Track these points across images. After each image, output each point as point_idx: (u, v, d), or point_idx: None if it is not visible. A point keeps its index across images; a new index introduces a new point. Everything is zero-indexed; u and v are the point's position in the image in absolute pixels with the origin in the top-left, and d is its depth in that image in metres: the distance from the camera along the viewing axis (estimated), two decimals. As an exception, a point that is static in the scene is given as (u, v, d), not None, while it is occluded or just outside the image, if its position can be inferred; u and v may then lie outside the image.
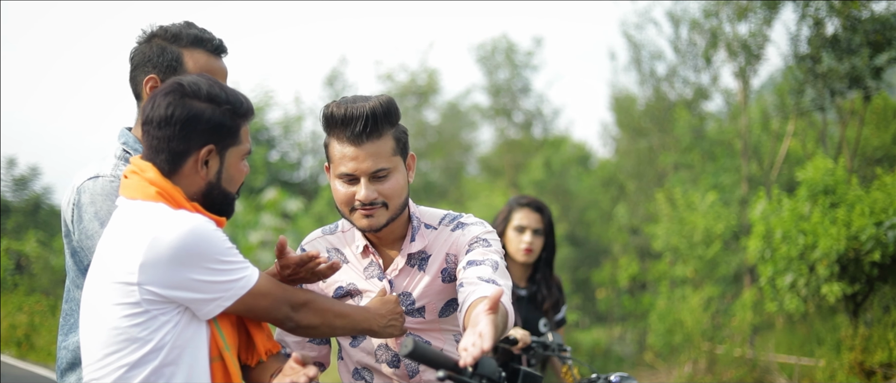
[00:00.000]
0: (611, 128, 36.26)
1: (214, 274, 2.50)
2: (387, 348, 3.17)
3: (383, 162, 2.96)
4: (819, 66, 19.76)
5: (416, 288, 3.12)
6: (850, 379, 11.74)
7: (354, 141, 2.93)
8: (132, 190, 2.59)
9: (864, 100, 19.75)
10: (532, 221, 5.15)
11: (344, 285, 3.18)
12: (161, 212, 2.50)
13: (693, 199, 22.17)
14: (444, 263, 3.11)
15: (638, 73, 29.67)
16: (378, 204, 2.97)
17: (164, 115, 2.56)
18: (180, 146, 2.59)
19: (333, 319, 2.84)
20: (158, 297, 2.45)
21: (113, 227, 2.58)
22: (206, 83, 2.63)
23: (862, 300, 12.81)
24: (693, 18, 25.88)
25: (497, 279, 2.86)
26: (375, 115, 2.92)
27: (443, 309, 3.15)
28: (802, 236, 12.91)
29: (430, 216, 3.19)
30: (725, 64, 25.41)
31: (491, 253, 3.00)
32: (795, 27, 20.65)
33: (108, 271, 2.49)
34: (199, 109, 2.58)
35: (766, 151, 24.93)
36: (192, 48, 3.14)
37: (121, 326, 2.45)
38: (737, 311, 18.63)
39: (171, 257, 2.43)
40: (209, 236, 2.50)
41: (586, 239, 34.98)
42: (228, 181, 2.70)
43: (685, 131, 26.29)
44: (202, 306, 2.52)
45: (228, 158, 2.67)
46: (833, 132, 24.99)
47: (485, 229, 3.11)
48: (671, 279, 21.50)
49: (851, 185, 13.62)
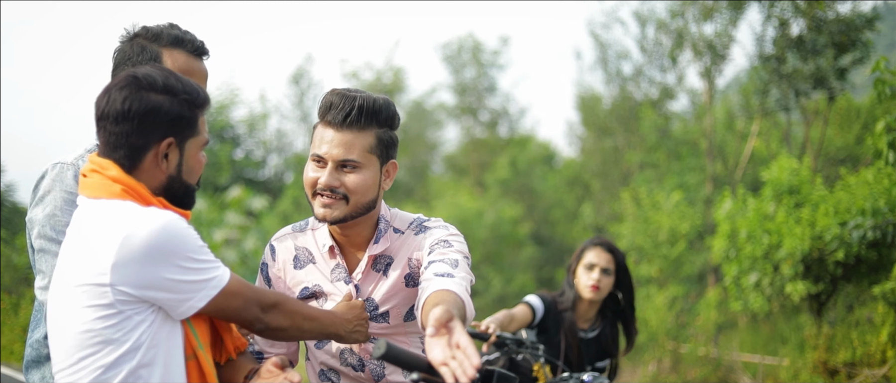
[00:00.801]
0: (576, 127, 36.35)
1: (187, 273, 2.44)
2: (351, 352, 3.13)
3: (355, 154, 2.92)
4: (784, 66, 19.86)
5: (379, 293, 3.08)
6: (813, 378, 11.78)
7: (335, 126, 2.93)
8: (95, 189, 2.52)
9: (829, 100, 19.87)
10: (602, 260, 5.27)
11: (310, 286, 3.14)
12: (130, 209, 2.44)
13: (658, 199, 22.23)
14: (408, 268, 3.07)
15: (604, 73, 29.75)
16: (339, 194, 2.93)
17: (122, 110, 2.50)
18: (139, 140, 2.52)
19: (302, 322, 2.80)
20: (131, 297, 2.39)
21: (77, 228, 2.51)
22: (161, 74, 2.56)
23: (826, 299, 12.86)
24: (659, 18, 25.98)
25: (454, 273, 2.81)
26: (362, 108, 2.91)
27: (408, 314, 3.11)
28: (767, 236, 12.94)
29: (400, 220, 3.15)
30: (691, 64, 25.50)
31: (451, 252, 2.95)
32: (761, 28, 20.76)
33: (76, 273, 2.42)
34: (157, 102, 2.51)
35: (730, 151, 25.03)
36: (171, 48, 3.16)
37: (95, 328, 2.39)
38: (701, 310, 18.68)
39: (144, 256, 2.37)
40: (182, 233, 2.45)
41: (551, 238, 35.02)
42: (189, 173, 2.64)
43: (650, 130, 26.36)
44: (176, 306, 2.47)
45: (188, 150, 2.61)
46: (797, 132, 25.14)
47: (448, 232, 3.06)
48: (636, 278, 21.50)
49: (816, 185, 13.68)
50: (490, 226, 28.76)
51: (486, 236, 28.37)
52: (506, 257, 29.99)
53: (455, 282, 2.74)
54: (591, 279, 5.23)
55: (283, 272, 3.19)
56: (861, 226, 10.61)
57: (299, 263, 3.18)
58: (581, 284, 5.29)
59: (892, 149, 8.48)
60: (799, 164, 14.24)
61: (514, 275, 29.07)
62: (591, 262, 5.28)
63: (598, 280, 5.22)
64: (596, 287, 5.22)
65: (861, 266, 11.93)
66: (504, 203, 31.04)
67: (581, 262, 5.33)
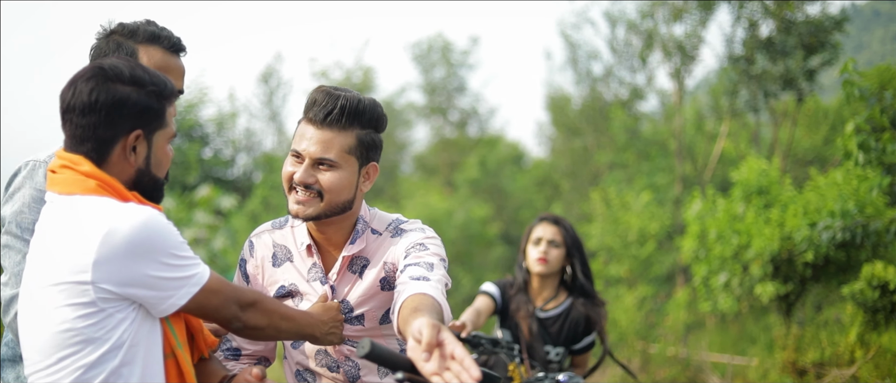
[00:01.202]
0: (546, 127, 36.40)
1: (169, 269, 2.40)
2: (326, 353, 3.10)
3: (332, 153, 2.89)
4: (753, 67, 19.96)
5: (354, 295, 3.04)
6: (782, 378, 11.82)
7: (316, 123, 2.90)
8: (67, 185, 2.46)
9: (798, 101, 19.98)
10: (548, 233, 5.24)
11: (286, 285, 3.10)
12: (109, 205, 2.39)
13: (628, 199, 22.28)
14: (383, 271, 3.03)
15: (574, 73, 29.80)
16: (313, 191, 2.89)
17: (88, 102, 2.44)
18: (107, 133, 2.47)
19: (279, 321, 2.76)
20: (113, 295, 2.34)
21: (49, 226, 2.45)
22: (128, 65, 2.50)
23: (794, 300, 12.91)
24: (629, 19, 26.07)
25: (430, 276, 2.77)
26: (344, 107, 2.89)
27: (383, 317, 3.08)
28: (736, 236, 12.98)
29: (379, 220, 3.12)
30: (661, 65, 25.60)
31: (427, 254, 2.91)
32: (730, 29, 20.86)
33: (51, 272, 2.36)
34: (124, 93, 2.46)
35: (700, 152, 25.14)
36: (147, 44, 3.15)
37: (76, 327, 2.34)
38: (670, 311, 18.73)
39: (127, 252, 2.32)
40: (164, 229, 2.41)
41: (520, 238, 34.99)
42: (157, 166, 2.59)
43: (620, 131, 26.43)
44: (157, 304, 2.42)
45: (156, 142, 2.56)
46: (765, 133, 25.28)
47: (425, 235, 3.03)
48: (606, 278, 21.54)
49: (785, 186, 13.74)
50: (460, 226, 28.73)
51: (455, 236, 28.33)
52: (475, 257, 29.97)
53: (431, 285, 2.71)
54: (538, 252, 5.21)
55: (261, 269, 3.16)
56: (831, 227, 10.65)
57: (277, 261, 3.15)
58: (530, 259, 5.27)
59: (862, 151, 8.50)
60: (768, 165, 14.29)
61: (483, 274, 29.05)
62: (538, 237, 5.26)
63: (545, 252, 5.19)
64: (543, 259, 5.19)
65: (829, 266, 11.99)
66: (474, 203, 31.02)
67: (529, 240, 5.32)
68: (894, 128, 8.53)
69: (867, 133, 8.53)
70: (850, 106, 9.64)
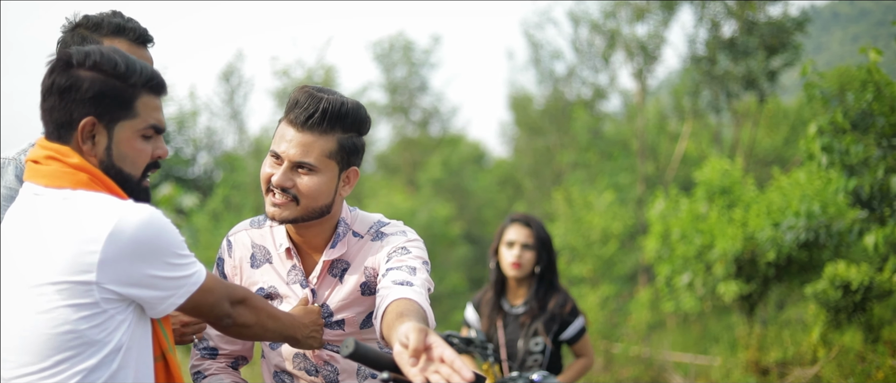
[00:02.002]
0: (509, 126, 36.45)
1: (171, 269, 2.34)
2: (304, 357, 3.05)
3: (312, 157, 2.83)
4: (715, 68, 20.08)
5: (334, 299, 3.00)
6: (745, 377, 11.88)
7: (296, 125, 2.82)
8: (55, 178, 2.36)
9: (759, 102, 20.12)
10: (521, 236, 5.27)
11: (265, 287, 3.05)
12: (110, 203, 2.30)
13: (590, 199, 22.33)
14: (364, 276, 2.98)
15: (537, 73, 29.86)
16: (289, 195, 2.84)
17: (46, 85, 2.37)
18: (62, 117, 2.38)
19: (266, 320, 2.72)
20: (116, 296, 2.27)
21: (34, 220, 2.34)
22: (99, 53, 2.39)
23: (757, 299, 12.98)
24: (592, 19, 26.12)
25: (413, 281, 2.73)
26: (326, 111, 2.81)
27: (364, 321, 3.03)
28: (699, 236, 13.03)
29: (361, 223, 3.06)
30: (623, 65, 25.70)
31: (410, 259, 2.87)
32: (693, 29, 20.98)
33: (47, 270, 2.26)
34: (77, 77, 2.36)
35: (662, 152, 25.25)
36: (113, 37, 3.07)
37: (78, 329, 2.25)
38: (633, 310, 18.80)
39: (133, 252, 2.25)
40: (167, 229, 2.34)
41: (483, 237, 35.06)
42: (121, 159, 2.45)
43: (583, 131, 26.50)
44: (157, 304, 2.36)
45: (118, 133, 2.43)
46: (726, 134, 25.44)
47: (406, 238, 2.98)
48: (568, 278, 21.58)
49: (747, 186, 13.81)
50: (423, 226, 28.68)
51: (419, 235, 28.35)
52: (438, 256, 29.94)
53: (414, 290, 2.67)
54: (512, 256, 5.25)
55: (239, 269, 3.10)
56: (794, 227, 10.72)
57: (256, 262, 3.09)
58: (504, 263, 5.31)
59: (826, 153, 8.55)
60: (731, 165, 14.37)
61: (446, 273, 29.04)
62: (511, 240, 5.29)
63: (519, 256, 5.24)
64: (517, 264, 5.25)
65: (792, 266, 12.06)
66: (436, 202, 31.01)
67: (502, 241, 5.35)
68: (856, 129, 8.59)
69: (830, 135, 8.58)
70: (812, 107, 9.70)
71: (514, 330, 5.24)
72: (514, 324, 5.25)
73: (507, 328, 5.24)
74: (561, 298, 5.35)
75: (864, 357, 9.72)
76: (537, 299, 5.29)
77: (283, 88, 29.91)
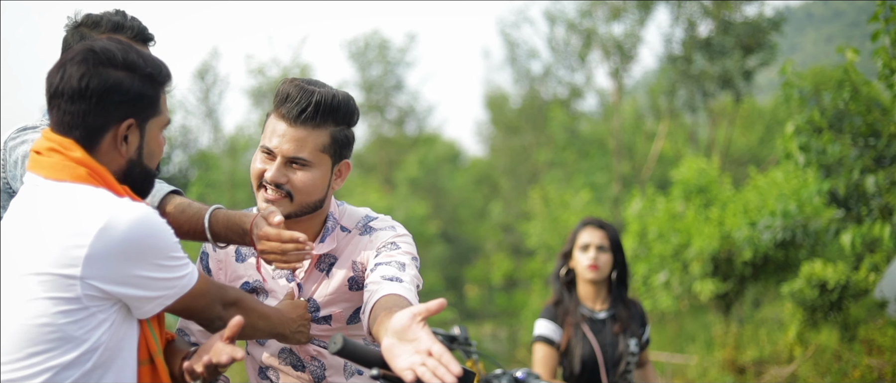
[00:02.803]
0: (485, 125, 36.47)
1: (162, 270, 2.27)
2: (291, 352, 3.00)
3: (306, 152, 2.76)
4: (691, 67, 20.15)
5: (321, 294, 2.95)
6: (722, 376, 11.92)
7: (288, 120, 2.74)
8: (55, 170, 2.29)
9: (735, 101, 20.20)
10: (596, 238, 5.02)
11: (250, 281, 2.99)
12: (104, 198, 2.23)
13: (567, 198, 22.36)
14: (351, 271, 2.93)
15: (513, 72, 29.89)
16: (283, 191, 2.78)
17: (78, 88, 2.27)
18: (97, 121, 2.29)
19: (257, 320, 2.66)
20: (100, 293, 2.19)
21: (32, 210, 2.28)
22: (120, 48, 2.34)
23: (733, 298, 13.03)
24: (569, 18, 26.15)
25: (402, 277, 2.70)
26: (319, 104, 2.73)
27: (351, 317, 2.99)
28: (676, 235, 13.06)
29: (349, 217, 3.00)
30: (600, 64, 25.75)
31: (399, 254, 2.81)
32: (669, 29, 21.04)
33: (34, 261, 2.19)
34: (116, 79, 2.29)
35: (638, 151, 25.31)
36: (112, 35, 2.96)
37: (55, 323, 2.17)
38: (609, 309, 18.82)
39: (122, 251, 2.18)
40: (161, 229, 2.26)
41: (458, 236, 35.08)
42: (149, 156, 2.43)
43: (559, 130, 26.53)
44: (143, 304, 2.28)
45: (149, 131, 2.40)
46: (701, 133, 25.55)
47: (395, 233, 2.92)
48: (544, 277, 21.59)
49: (724, 185, 13.85)
50: (399, 224, 28.73)
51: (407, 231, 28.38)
52: (415, 255, 29.96)
53: (404, 286, 2.63)
54: (588, 258, 4.97)
55: (224, 264, 3.04)
56: (771, 226, 10.76)
57: (241, 256, 3.03)
58: (579, 267, 5.02)
59: (803, 152, 8.59)
60: (707, 164, 14.42)
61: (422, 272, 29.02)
62: (586, 242, 5.03)
63: (595, 258, 4.98)
64: (594, 266, 4.98)
65: (768, 265, 12.11)
66: (413, 201, 31.00)
67: (576, 245, 5.07)
68: (833, 129, 8.62)
69: (807, 134, 8.61)
70: (789, 107, 9.73)
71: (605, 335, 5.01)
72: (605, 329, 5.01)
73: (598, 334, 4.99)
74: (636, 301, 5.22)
75: (840, 355, 9.77)
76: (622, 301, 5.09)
77: (259, 87, 29.82)
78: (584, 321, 4.96)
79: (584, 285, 5.05)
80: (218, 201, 24.10)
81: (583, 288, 5.06)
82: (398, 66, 37.40)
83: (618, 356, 4.90)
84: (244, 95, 33.65)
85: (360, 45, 37.13)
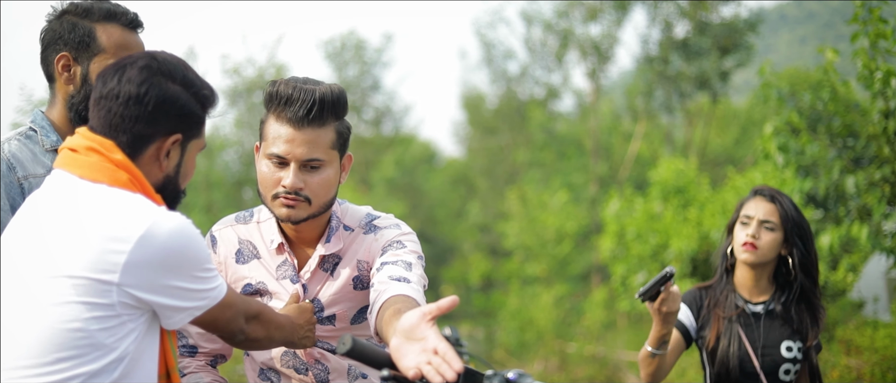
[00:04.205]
0: (462, 126, 36.49)
1: (196, 281, 2.25)
2: (294, 355, 2.98)
3: (319, 152, 2.73)
4: (668, 68, 20.23)
5: (326, 294, 2.92)
6: (701, 376, 11.95)
7: (295, 123, 2.70)
8: (94, 170, 2.25)
9: (712, 102, 20.30)
10: (761, 211, 4.03)
11: (253, 283, 2.96)
12: (144, 205, 2.21)
13: (544, 198, 22.40)
14: (356, 270, 2.91)
15: (490, 72, 29.93)
16: (301, 195, 2.75)
17: (136, 93, 2.26)
18: (147, 129, 2.28)
19: (274, 332, 2.64)
20: (135, 301, 2.17)
21: (64, 210, 2.23)
22: (180, 63, 2.34)
23: (711, 298, 13.06)
24: (545, 19, 26.20)
25: (409, 277, 2.68)
26: (324, 101, 2.70)
27: (355, 316, 2.96)
28: (655, 235, 13.10)
29: (351, 216, 2.98)
30: (577, 64, 25.81)
31: (405, 253, 2.80)
32: (646, 29, 21.12)
33: (66, 262, 2.15)
34: (174, 92, 2.30)
35: (615, 151, 25.39)
36: (105, 22, 2.91)
37: (88, 329, 2.13)
38: (587, 309, 18.88)
39: (161, 261, 2.16)
40: (197, 240, 2.25)
41: (435, 237, 35.11)
42: (184, 176, 2.42)
43: (538, 130, 26.58)
44: (173, 314, 2.25)
45: (189, 151, 2.40)
46: (677, 134, 25.66)
47: (400, 231, 2.90)
48: (522, 277, 21.65)
49: (702, 186, 13.90)
50: (376, 225, 28.73)
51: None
52: (391, 255, 29.97)
53: (412, 287, 2.61)
54: (746, 235, 4.01)
55: (225, 266, 3.00)
56: (749, 226, 10.80)
57: (242, 257, 2.99)
58: (736, 243, 4.07)
59: (782, 152, 8.61)
60: (685, 165, 14.46)
61: (400, 273, 29.08)
62: (748, 215, 4.05)
63: (754, 233, 3.99)
64: (751, 245, 3.99)
65: (746, 266, 12.16)
66: (390, 201, 30.99)
67: (739, 218, 4.11)
68: (811, 129, 8.65)
69: (786, 135, 8.64)
70: (767, 108, 9.76)
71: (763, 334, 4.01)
72: (762, 327, 4.03)
73: (752, 332, 4.02)
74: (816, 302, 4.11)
75: (818, 356, 9.81)
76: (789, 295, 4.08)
77: (234, 87, 29.68)
78: (736, 314, 4.05)
79: (741, 269, 4.12)
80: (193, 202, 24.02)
81: (739, 273, 4.13)
82: (375, 67, 37.38)
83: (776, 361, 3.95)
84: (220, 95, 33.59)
85: (337, 45, 37.10)
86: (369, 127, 38.30)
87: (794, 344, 3.97)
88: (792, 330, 3.99)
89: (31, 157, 2.87)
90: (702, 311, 4.11)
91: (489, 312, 26.46)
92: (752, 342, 3.96)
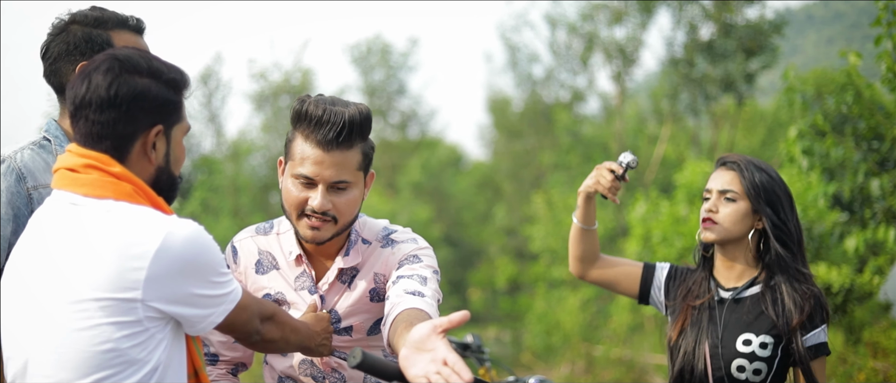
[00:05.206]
0: (487, 129, 36.47)
1: (213, 287, 2.29)
2: (312, 364, 3.04)
3: (346, 174, 2.79)
4: (693, 70, 20.16)
5: (343, 305, 2.98)
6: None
7: (324, 146, 2.75)
8: (96, 187, 2.27)
9: (737, 104, 20.21)
10: (719, 181, 3.49)
11: (272, 293, 3.02)
12: (153, 217, 2.24)
13: (570, 201, 22.36)
14: (373, 283, 2.96)
15: (514, 75, 29.91)
16: (328, 217, 2.81)
17: (107, 96, 2.26)
18: (127, 129, 2.30)
19: (290, 334, 2.68)
20: (159, 314, 2.21)
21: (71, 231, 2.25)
22: (143, 55, 2.35)
23: (737, 301, 13.03)
24: (570, 22, 26.16)
25: (424, 291, 2.73)
26: (353, 124, 2.75)
27: (371, 328, 3.02)
28: (680, 238, 13.08)
29: (369, 229, 3.04)
30: (602, 67, 25.76)
31: (421, 268, 2.85)
32: (671, 32, 21.06)
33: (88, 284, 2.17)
34: (143, 85, 2.30)
35: (641, 154, 25.33)
36: (118, 30, 2.96)
37: (120, 347, 2.17)
38: (614, 313, 18.84)
39: (179, 271, 2.20)
40: (211, 247, 2.28)
41: (462, 240, 35.07)
42: (175, 163, 2.45)
43: (563, 133, 26.54)
44: (198, 322, 2.30)
45: (174, 137, 2.42)
46: (703, 136, 25.54)
47: (417, 246, 2.95)
48: (549, 281, 21.62)
49: (728, 189, 13.86)
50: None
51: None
52: (418, 259, 29.92)
53: (426, 301, 2.66)
54: (703, 210, 3.52)
55: (245, 276, 3.06)
56: (775, 229, 10.78)
57: (262, 268, 3.05)
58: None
59: (806, 155, 8.61)
60: (711, 167, 14.44)
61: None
62: (708, 188, 3.54)
63: (712, 207, 3.48)
64: (709, 220, 3.48)
65: (773, 268, 12.12)
66: (416, 205, 31.01)
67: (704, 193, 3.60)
68: (836, 132, 8.65)
69: (810, 138, 8.64)
70: (791, 111, 9.75)
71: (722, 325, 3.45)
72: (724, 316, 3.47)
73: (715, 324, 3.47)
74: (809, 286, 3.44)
75: (845, 359, 9.77)
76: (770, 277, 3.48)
77: (260, 91, 29.79)
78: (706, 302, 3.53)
79: (716, 252, 3.60)
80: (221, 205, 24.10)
81: (716, 257, 3.60)
82: (400, 71, 37.37)
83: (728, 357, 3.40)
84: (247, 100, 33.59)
85: (363, 49, 37.13)
86: (395, 131, 38.31)
87: (756, 338, 3.38)
88: (753, 320, 3.42)
89: (43, 167, 2.88)
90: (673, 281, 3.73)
91: (516, 315, 26.44)
92: (712, 335, 3.44)
